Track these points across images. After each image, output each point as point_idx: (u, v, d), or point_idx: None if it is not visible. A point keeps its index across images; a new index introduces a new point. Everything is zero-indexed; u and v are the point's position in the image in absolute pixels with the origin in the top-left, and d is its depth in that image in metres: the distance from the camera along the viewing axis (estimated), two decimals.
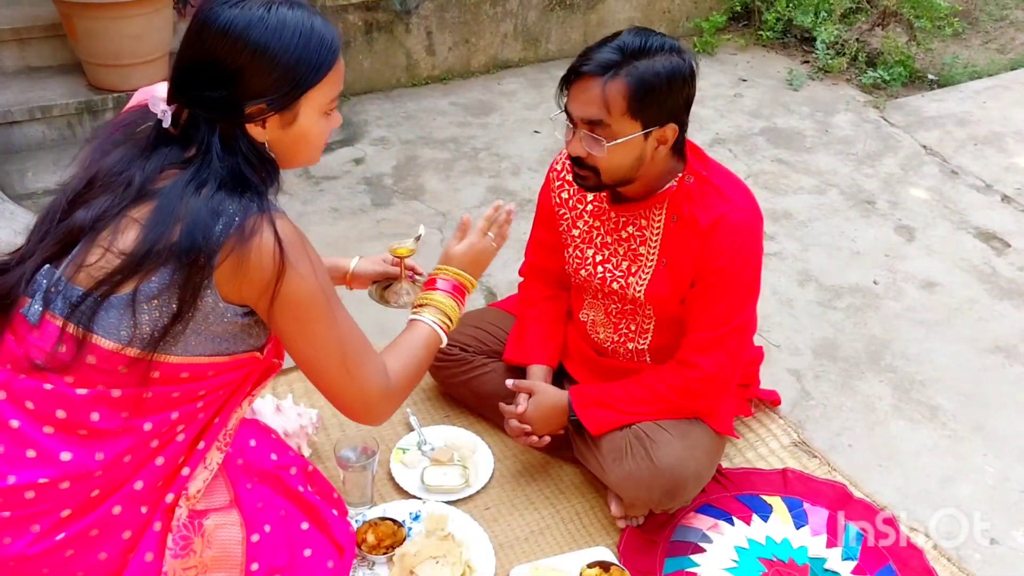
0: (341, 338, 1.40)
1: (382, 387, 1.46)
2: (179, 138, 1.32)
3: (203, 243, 1.24)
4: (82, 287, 1.28)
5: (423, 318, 1.59)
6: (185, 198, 1.25)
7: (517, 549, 1.96)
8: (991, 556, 2.03)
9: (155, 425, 1.35)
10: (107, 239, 1.28)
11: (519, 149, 3.78)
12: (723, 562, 1.94)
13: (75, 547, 1.32)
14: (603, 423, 1.94)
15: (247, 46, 1.26)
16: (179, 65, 1.31)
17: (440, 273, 1.64)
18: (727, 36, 4.94)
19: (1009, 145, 3.93)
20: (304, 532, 1.59)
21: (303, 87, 1.31)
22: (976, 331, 2.79)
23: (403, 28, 4.19)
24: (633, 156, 1.75)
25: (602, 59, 1.68)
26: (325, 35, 1.31)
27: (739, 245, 1.81)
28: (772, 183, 3.60)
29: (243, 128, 1.31)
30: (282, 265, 1.27)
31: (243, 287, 1.29)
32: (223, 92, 1.27)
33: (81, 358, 1.28)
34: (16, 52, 3.67)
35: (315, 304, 1.35)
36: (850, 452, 2.30)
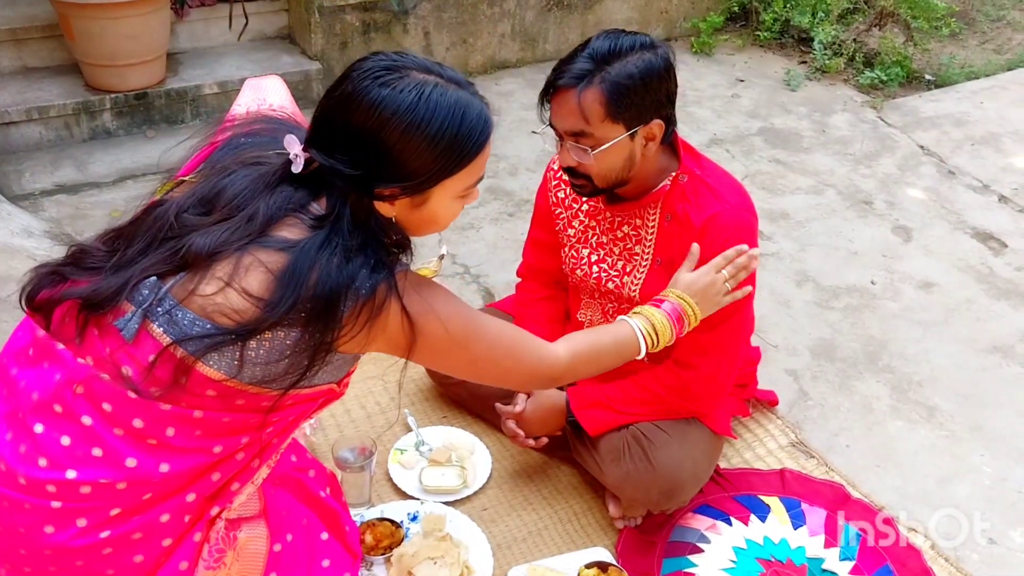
0: (489, 344, 1.43)
1: (550, 365, 1.49)
2: (306, 181, 1.29)
3: (337, 318, 1.23)
4: (195, 313, 1.24)
5: (632, 320, 1.64)
6: (320, 263, 1.22)
7: (515, 549, 1.96)
8: (988, 556, 2.03)
9: (225, 447, 1.33)
10: (226, 272, 1.24)
11: (516, 149, 3.78)
12: (721, 562, 1.94)
13: (115, 547, 1.30)
14: (601, 424, 1.94)
15: (391, 133, 1.22)
16: (319, 123, 1.28)
17: (669, 295, 1.71)
18: (724, 36, 4.94)
19: (1006, 145, 3.94)
20: (323, 543, 1.57)
21: (440, 178, 1.28)
22: (973, 331, 2.79)
23: (401, 28, 4.19)
24: (622, 158, 1.75)
25: (575, 70, 1.67)
26: (475, 126, 1.28)
27: (733, 243, 1.80)
28: (769, 183, 3.61)
29: (372, 203, 1.28)
30: (412, 336, 1.29)
31: (370, 347, 1.31)
32: (358, 171, 1.24)
33: (176, 380, 1.25)
34: (13, 52, 3.67)
35: (447, 342, 1.36)
36: (848, 452, 2.30)
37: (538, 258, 2.17)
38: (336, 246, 1.24)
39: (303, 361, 1.26)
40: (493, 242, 3.13)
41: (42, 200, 3.22)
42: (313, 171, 1.28)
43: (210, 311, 1.24)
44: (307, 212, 1.28)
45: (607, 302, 2.02)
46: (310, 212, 1.28)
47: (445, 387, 2.31)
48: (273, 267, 1.23)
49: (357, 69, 1.26)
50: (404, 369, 1.50)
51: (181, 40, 3.95)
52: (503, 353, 1.45)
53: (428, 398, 2.35)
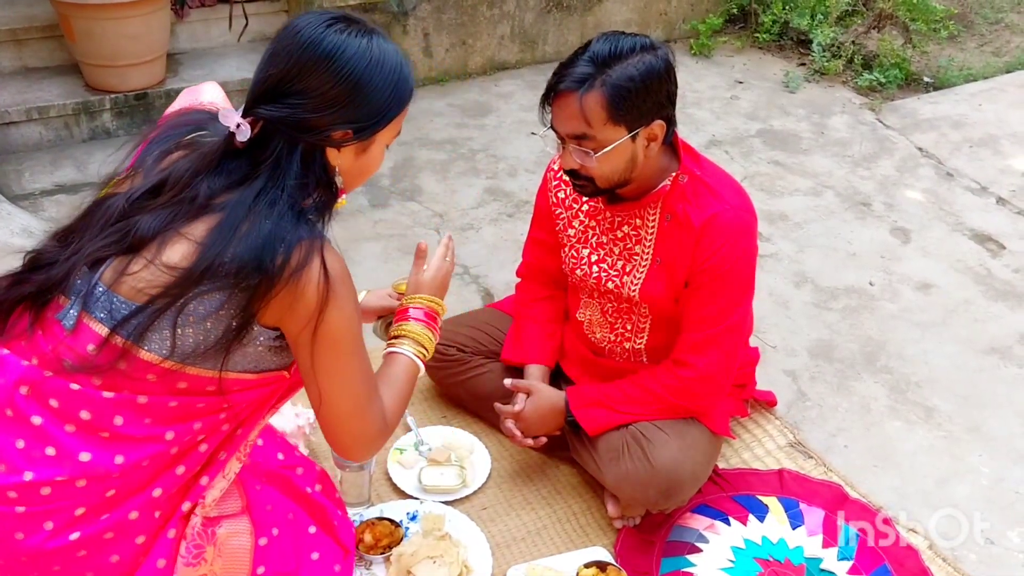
0: (363, 376, 1.41)
1: (381, 426, 1.46)
2: (247, 153, 1.31)
3: (267, 269, 1.24)
4: (125, 297, 1.27)
5: (403, 351, 1.58)
6: (252, 215, 1.25)
7: (514, 549, 1.96)
8: (986, 556, 2.04)
9: (177, 434, 1.34)
10: (152, 251, 1.27)
11: (516, 150, 3.79)
12: (719, 562, 1.94)
13: (88, 548, 1.32)
14: (600, 423, 1.95)
15: (352, 75, 1.28)
16: (270, 80, 1.30)
17: (412, 303, 1.64)
18: (723, 38, 4.95)
19: (1004, 147, 3.94)
20: (312, 536, 1.58)
21: (387, 120, 1.35)
22: (971, 332, 2.80)
23: (400, 29, 4.20)
24: (625, 159, 1.75)
25: (576, 73, 1.68)
26: (409, 73, 1.36)
27: (732, 244, 1.81)
28: (768, 185, 3.61)
29: (323, 150, 1.32)
30: (327, 298, 1.28)
31: (285, 315, 1.30)
32: (315, 114, 1.28)
33: (115, 366, 1.28)
34: (13, 52, 3.67)
35: (351, 340, 1.36)
36: (846, 453, 2.31)
37: (538, 258, 2.17)
38: (271, 197, 1.27)
39: (231, 327, 1.27)
40: (493, 243, 3.13)
41: (42, 200, 3.22)
42: (253, 141, 1.30)
43: (140, 288, 1.26)
44: (252, 178, 1.30)
45: (607, 301, 2.02)
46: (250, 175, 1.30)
47: (444, 387, 2.31)
48: (198, 235, 1.25)
49: (304, 22, 1.30)
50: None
51: (181, 41, 3.95)
52: (372, 384, 1.43)
53: (427, 398, 2.36)
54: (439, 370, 2.25)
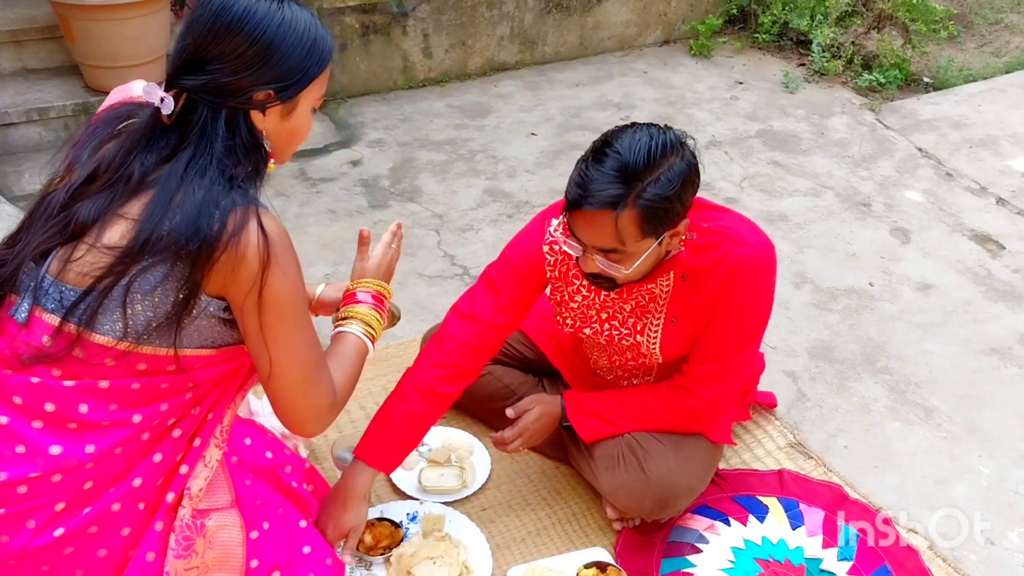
0: (310, 345, 1.41)
1: (332, 399, 1.47)
2: (175, 127, 1.33)
3: (205, 236, 1.25)
4: (72, 285, 1.29)
5: (351, 330, 1.59)
6: (184, 185, 1.27)
7: (514, 550, 1.96)
8: (986, 557, 2.03)
9: (145, 417, 1.35)
10: (93, 236, 1.29)
11: (516, 151, 3.79)
12: (719, 563, 1.94)
13: (74, 544, 1.32)
14: (596, 432, 1.94)
15: (265, 35, 1.30)
16: (187, 50, 1.32)
17: (359, 286, 1.65)
18: (723, 39, 4.95)
19: (1004, 148, 3.95)
20: (303, 529, 1.59)
21: (309, 79, 1.36)
22: (971, 333, 2.80)
23: (400, 30, 4.20)
24: (651, 262, 1.69)
25: (605, 194, 1.55)
26: (326, 34, 1.38)
27: (758, 283, 1.76)
28: (768, 185, 3.61)
29: (247, 114, 1.34)
30: (267, 262, 1.29)
31: (228, 282, 1.30)
32: (235, 77, 1.30)
33: (70, 353, 1.29)
34: (12, 54, 3.67)
35: (297, 306, 1.37)
36: (846, 453, 2.31)
37: (494, 313, 1.87)
38: (204, 164, 1.29)
39: (178, 299, 1.28)
40: (492, 243, 3.13)
41: None
42: (180, 112, 1.32)
43: (86, 272, 1.28)
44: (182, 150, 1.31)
45: (614, 354, 1.98)
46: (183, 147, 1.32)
47: None
48: (134, 213, 1.28)
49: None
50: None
51: None
52: (318, 358, 1.43)
53: None
54: None
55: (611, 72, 4.60)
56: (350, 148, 3.76)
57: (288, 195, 3.37)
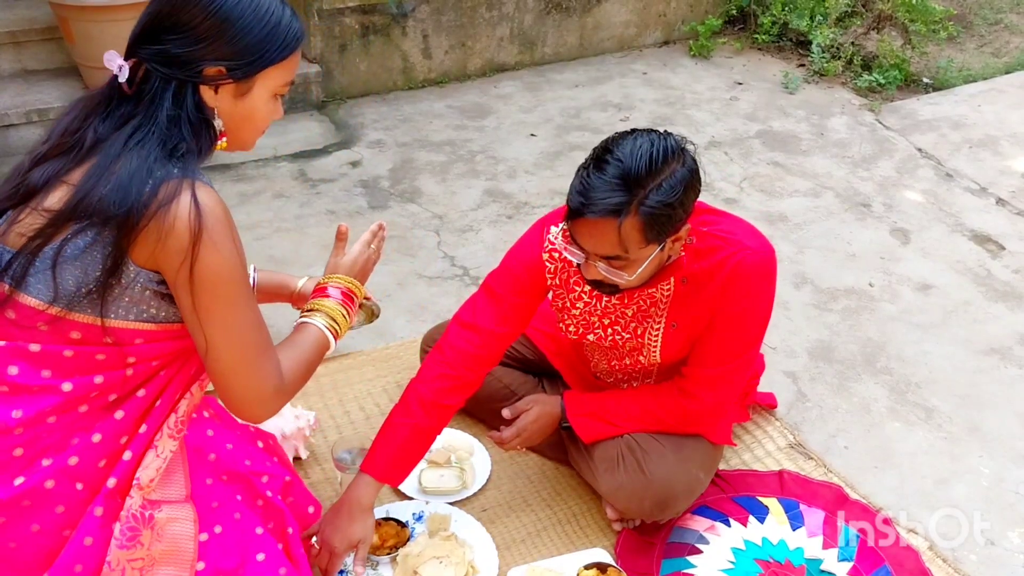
0: (251, 326, 1.38)
1: (277, 384, 1.43)
2: (135, 97, 1.33)
3: (133, 203, 1.24)
4: (10, 247, 1.30)
5: (314, 321, 1.55)
6: (124, 153, 1.27)
7: (514, 551, 1.96)
8: (986, 557, 2.03)
9: (76, 386, 1.33)
10: (38, 199, 1.30)
11: (515, 152, 3.79)
12: (720, 563, 1.94)
13: (6, 515, 1.31)
14: (595, 433, 1.94)
15: (222, 9, 1.30)
16: (145, 19, 1.33)
17: (330, 281, 1.62)
18: (723, 39, 4.95)
19: (1004, 148, 3.95)
20: (258, 536, 1.54)
21: (265, 62, 1.35)
22: (971, 333, 2.80)
23: (399, 31, 4.20)
24: (654, 267, 1.69)
25: (608, 203, 1.55)
26: (293, 21, 1.37)
27: (758, 286, 1.77)
28: (767, 186, 3.61)
29: (196, 88, 1.33)
30: (198, 234, 1.27)
31: (158, 253, 1.28)
32: (187, 49, 1.30)
33: (2, 314, 1.30)
34: (12, 55, 3.68)
35: (233, 285, 1.33)
36: (846, 454, 2.31)
37: (496, 323, 1.86)
38: (145, 134, 1.29)
39: (105, 266, 1.27)
40: (492, 244, 3.13)
41: None
42: (140, 81, 1.32)
43: (21, 235, 1.29)
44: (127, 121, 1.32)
45: (614, 358, 1.98)
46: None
47: None
48: (75, 180, 1.28)
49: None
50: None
51: None
52: (262, 339, 1.40)
53: None
54: None
55: (611, 73, 4.60)
56: (350, 149, 3.76)
57: (288, 196, 3.37)
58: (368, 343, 2.56)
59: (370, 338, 2.57)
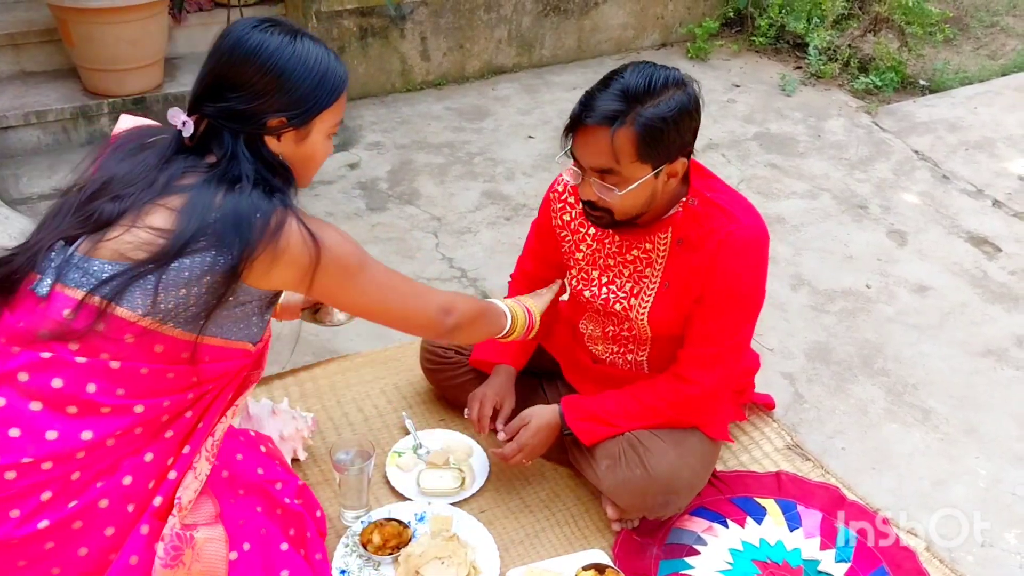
0: (387, 273, 1.57)
1: (438, 303, 1.63)
2: (195, 149, 1.43)
3: (246, 235, 1.33)
4: (107, 260, 1.33)
5: (503, 304, 1.84)
6: (221, 193, 1.36)
7: (513, 552, 1.96)
8: (983, 558, 2.04)
9: (146, 410, 1.37)
10: (129, 220, 1.35)
11: (514, 154, 3.80)
12: (718, 564, 1.95)
13: (56, 539, 1.32)
14: (596, 435, 1.95)
15: (276, 67, 1.40)
16: (207, 79, 1.43)
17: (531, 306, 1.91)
18: (720, 42, 4.96)
19: (1000, 150, 3.96)
20: (283, 553, 1.58)
21: (319, 107, 1.46)
22: (968, 335, 2.80)
23: (398, 34, 4.21)
24: (646, 195, 1.73)
25: (606, 108, 1.63)
26: (338, 66, 1.48)
27: (745, 263, 1.80)
28: (765, 188, 3.62)
29: (262, 139, 1.43)
30: (316, 248, 1.39)
31: (275, 276, 1.39)
32: (249, 104, 1.40)
33: (93, 327, 1.32)
34: (11, 57, 3.68)
35: (354, 259, 1.48)
36: (843, 455, 2.31)
37: (537, 268, 2.14)
38: (234, 179, 1.38)
39: (216, 285, 1.34)
40: (490, 246, 3.14)
41: (39, 204, 3.22)
42: (201, 135, 1.43)
43: (122, 251, 1.34)
44: (202, 166, 1.42)
45: (608, 324, 2.01)
46: (205, 164, 1.42)
47: (443, 389, 2.31)
48: (175, 205, 1.36)
49: (235, 27, 1.45)
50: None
51: (179, 45, 3.96)
52: (400, 292, 1.58)
53: (426, 401, 2.36)
54: (437, 372, 2.25)
55: None
56: (348, 151, 3.76)
57: None
58: (367, 345, 2.57)
59: (369, 340, 2.58)
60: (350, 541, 1.90)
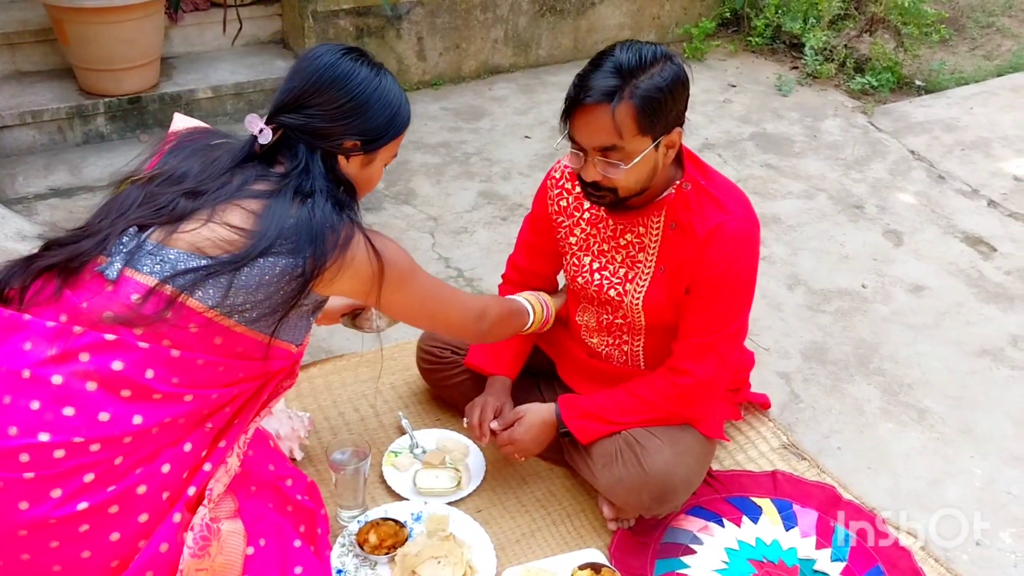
0: (432, 291, 1.68)
1: (476, 309, 1.76)
2: (264, 157, 1.50)
3: (320, 246, 1.41)
4: (183, 250, 1.37)
5: (522, 299, 1.99)
6: (296, 203, 1.43)
7: (509, 551, 1.96)
8: (978, 557, 2.04)
9: (195, 399, 1.40)
10: (206, 214, 1.40)
11: (510, 154, 3.80)
12: (714, 563, 1.95)
13: (92, 522, 1.32)
14: (593, 433, 1.95)
15: (363, 94, 1.51)
16: (291, 94, 1.50)
17: (548, 303, 2.07)
18: (716, 42, 4.97)
19: (995, 150, 3.97)
20: (296, 549, 1.60)
21: (389, 139, 1.57)
22: (963, 334, 2.81)
23: (394, 34, 4.21)
24: (649, 169, 1.75)
25: (603, 86, 1.66)
26: (407, 106, 1.60)
27: (736, 253, 1.81)
28: (761, 188, 3.63)
29: (335, 158, 1.53)
30: (380, 263, 1.49)
31: (339, 285, 1.47)
32: (332, 124, 1.49)
33: (162, 314, 1.34)
34: (7, 56, 3.67)
35: (408, 269, 1.59)
36: (839, 454, 2.32)
37: (529, 261, 2.16)
38: (307, 190, 1.45)
39: (287, 290, 1.39)
40: (487, 246, 3.14)
41: (36, 204, 3.22)
42: (272, 146, 1.49)
43: (199, 244, 1.37)
44: (272, 174, 1.48)
45: (604, 312, 2.02)
46: (275, 173, 1.48)
47: (439, 389, 2.31)
48: (253, 208, 1.42)
49: (324, 49, 1.53)
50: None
51: (175, 45, 3.96)
52: (443, 299, 1.72)
53: (422, 401, 2.36)
54: (433, 372, 2.25)
55: None
56: None
57: None
58: (363, 344, 2.56)
59: (365, 339, 2.57)
60: (346, 541, 1.90)
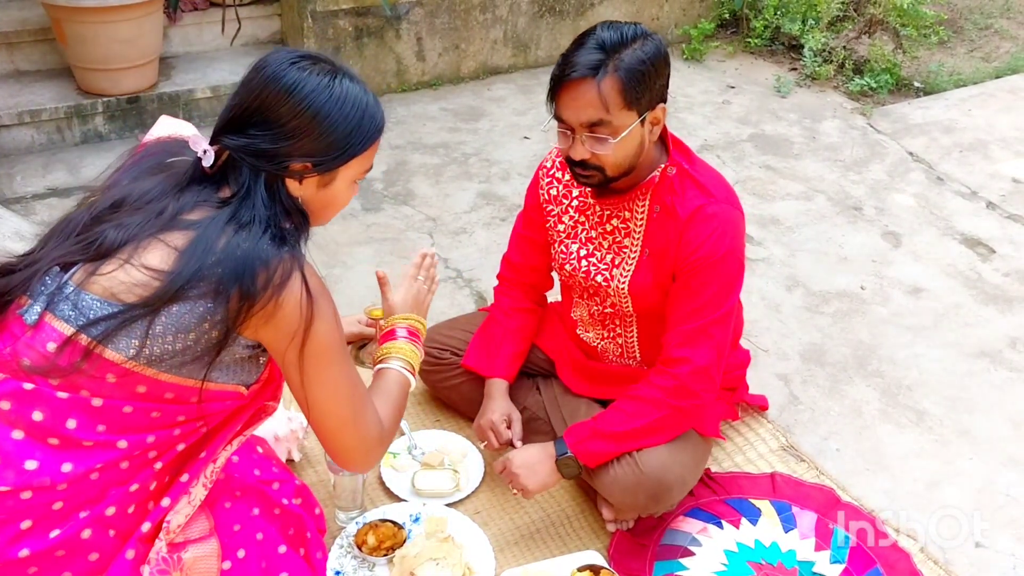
0: (351, 383, 1.43)
1: (378, 433, 1.49)
2: (213, 179, 1.36)
3: (248, 286, 1.26)
4: (97, 295, 1.28)
5: (391, 366, 1.62)
6: (227, 235, 1.28)
7: (508, 553, 1.96)
8: (976, 559, 2.05)
9: (130, 445, 1.32)
10: (126, 253, 1.29)
11: (509, 155, 3.79)
12: (712, 566, 1.95)
13: (39, 565, 1.29)
14: (598, 458, 1.89)
15: (309, 109, 1.32)
16: (234, 111, 1.35)
17: (395, 323, 1.68)
18: (715, 43, 4.97)
19: (994, 152, 3.97)
20: (281, 556, 1.56)
21: (348, 156, 1.38)
22: (962, 336, 2.81)
23: (393, 34, 4.20)
24: (635, 145, 1.77)
25: (587, 61, 1.70)
26: (376, 112, 1.40)
27: (718, 236, 1.82)
28: (760, 189, 3.63)
29: (283, 180, 1.36)
30: (311, 316, 1.31)
31: (265, 332, 1.32)
32: (275, 146, 1.33)
33: (76, 365, 1.27)
34: (5, 56, 3.67)
35: (334, 350, 1.38)
36: (838, 456, 2.32)
37: (524, 256, 2.17)
38: (244, 219, 1.30)
39: (212, 336, 1.28)
40: (486, 246, 3.13)
41: (34, 204, 3.21)
42: (220, 167, 1.35)
43: (114, 290, 1.27)
44: (214, 199, 1.34)
45: (593, 304, 2.03)
46: (217, 198, 1.34)
47: (438, 390, 2.31)
48: (177, 243, 1.28)
49: (272, 58, 1.36)
50: None
51: (174, 44, 3.95)
52: (362, 393, 1.46)
53: (420, 402, 2.36)
54: (432, 373, 2.25)
55: None
56: None
57: None
58: None
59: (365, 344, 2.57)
60: (345, 542, 1.90)
